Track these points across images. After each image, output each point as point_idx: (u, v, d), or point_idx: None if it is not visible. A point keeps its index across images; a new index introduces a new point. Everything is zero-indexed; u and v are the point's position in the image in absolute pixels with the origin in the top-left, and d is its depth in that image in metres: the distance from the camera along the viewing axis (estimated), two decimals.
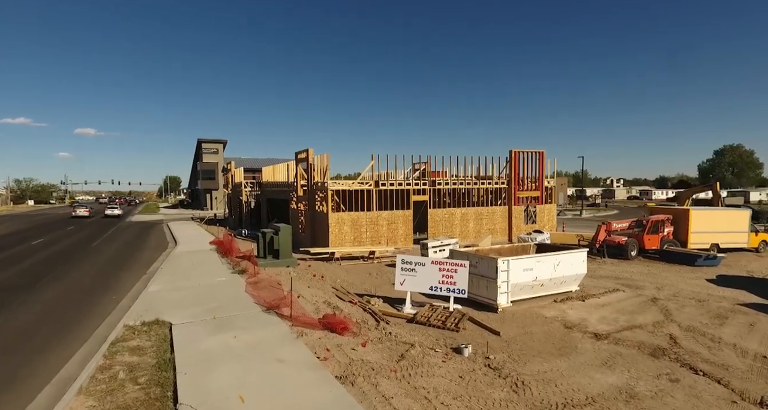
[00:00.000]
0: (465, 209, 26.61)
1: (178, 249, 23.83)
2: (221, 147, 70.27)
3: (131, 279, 16.02)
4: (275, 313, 10.58)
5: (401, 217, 24.98)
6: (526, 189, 27.75)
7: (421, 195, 25.77)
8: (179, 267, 17.84)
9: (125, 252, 23.30)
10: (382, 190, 24.72)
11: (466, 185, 26.69)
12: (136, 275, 16.78)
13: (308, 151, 25.45)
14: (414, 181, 25.60)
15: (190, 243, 26.11)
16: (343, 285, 15.68)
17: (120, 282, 15.78)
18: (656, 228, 21.17)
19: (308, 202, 26.03)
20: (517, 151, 27.42)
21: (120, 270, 18.18)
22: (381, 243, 24.49)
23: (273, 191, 34.84)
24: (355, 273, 18.48)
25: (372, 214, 24.27)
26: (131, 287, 14.69)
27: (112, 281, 15.94)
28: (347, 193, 24.10)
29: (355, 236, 23.93)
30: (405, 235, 25.07)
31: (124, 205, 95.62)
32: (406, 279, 12.80)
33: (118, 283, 15.50)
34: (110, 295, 13.62)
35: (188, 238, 28.99)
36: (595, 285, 15.35)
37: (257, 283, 14.16)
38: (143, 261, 20.33)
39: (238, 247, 21.12)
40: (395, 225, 24.83)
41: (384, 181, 24.91)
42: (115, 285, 15.31)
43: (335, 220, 23.43)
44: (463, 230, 26.52)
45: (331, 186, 23.62)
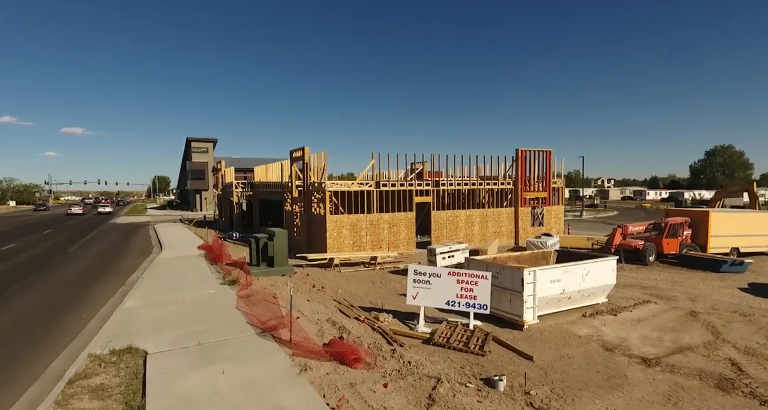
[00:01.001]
0: (470, 211, 25.20)
1: (164, 254, 22.09)
2: (211, 146, 68.20)
3: (106, 292, 14.31)
4: (272, 337, 9.02)
5: (403, 220, 23.50)
6: (532, 189, 26.43)
7: (424, 196, 24.31)
8: (163, 276, 16.15)
9: (104, 259, 21.49)
10: (383, 190, 23.21)
11: (470, 186, 25.29)
12: (113, 287, 15.06)
13: (304, 149, 23.85)
14: (417, 181, 24.13)
15: (176, 248, 24.36)
16: (345, 297, 14.15)
17: (93, 295, 14.06)
18: (675, 232, 19.94)
19: (304, 203, 24.43)
20: (524, 149, 26.08)
21: (95, 280, 16.42)
22: (382, 247, 22.98)
23: (266, 192, 33.14)
24: (357, 281, 16.95)
25: (372, 217, 22.76)
26: (105, 302, 13.00)
27: (84, 294, 14.21)
28: (346, 194, 22.55)
29: (354, 240, 22.39)
30: (407, 239, 23.59)
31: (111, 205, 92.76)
32: (420, 293, 11.31)
33: (91, 297, 13.78)
34: (79, 312, 11.91)
35: (175, 242, 27.21)
36: (622, 295, 14.00)
37: (250, 297, 12.56)
38: (123, 269, 18.59)
39: (228, 253, 19.48)
40: (397, 229, 23.34)
41: (385, 182, 23.41)
42: (86, 299, 13.59)
43: (333, 223, 21.87)
44: (468, 233, 25.11)
45: (329, 187, 22.06)
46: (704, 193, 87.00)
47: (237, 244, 28.34)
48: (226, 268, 17.01)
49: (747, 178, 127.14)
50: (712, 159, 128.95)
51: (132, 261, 20.85)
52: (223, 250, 19.28)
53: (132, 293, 13.48)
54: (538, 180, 26.61)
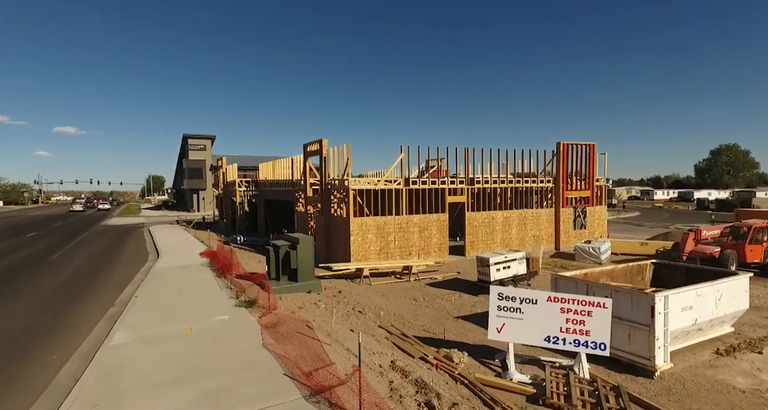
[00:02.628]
0: (507, 212, 22.37)
1: (161, 263, 19.07)
2: (209, 143, 64.95)
3: (90, 317, 11.30)
4: (327, 404, 6.10)
5: (435, 222, 20.62)
6: (574, 188, 23.65)
7: (458, 195, 21.45)
8: (161, 294, 13.17)
9: (92, 269, 18.44)
10: (412, 189, 20.32)
11: (507, 184, 22.45)
12: (99, 308, 12.04)
13: (321, 141, 20.91)
14: (450, 178, 21.25)
15: (175, 255, 21.34)
16: (392, 322, 11.27)
17: (72, 322, 11.03)
18: (758, 237, 17.22)
19: (322, 204, 21.48)
20: (566, 143, 23.29)
21: (78, 298, 13.40)
22: (411, 254, 20.10)
23: (273, 191, 30.15)
24: (395, 297, 14.07)
25: (401, 219, 19.87)
26: (87, 333, 10.01)
27: (60, 320, 11.19)
28: (372, 194, 19.64)
29: (381, 246, 19.49)
30: (439, 244, 20.72)
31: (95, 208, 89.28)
32: (507, 325, 8.45)
33: (69, 325, 10.76)
34: (48, 352, 8.91)
35: (174, 248, 24.18)
36: (739, 320, 11.21)
37: (277, 327, 9.63)
38: (113, 282, 15.58)
39: (238, 262, 16.50)
40: (428, 233, 20.47)
41: (414, 179, 20.52)
42: (62, 328, 10.58)
43: (358, 227, 18.95)
44: (505, 237, 22.28)
45: (352, 184, 19.14)
46: (718, 193, 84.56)
47: (243, 249, 25.35)
48: (238, 283, 14.04)
49: (753, 177, 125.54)
50: (718, 158, 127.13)
51: (124, 271, 17.83)
52: (232, 259, 16.30)
53: (122, 319, 10.50)
54: (580, 177, 23.82)
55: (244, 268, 16.26)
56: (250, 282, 13.92)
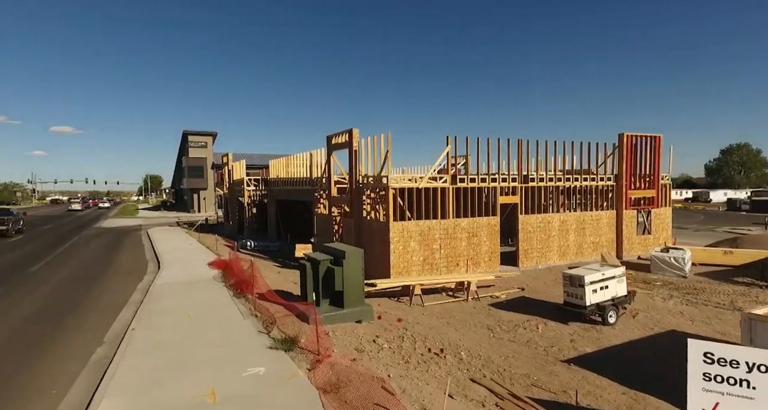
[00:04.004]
0: (564, 215, 19.31)
1: (163, 276, 15.93)
2: (210, 140, 61.72)
3: (66, 368, 8.16)
4: None
5: (485, 227, 17.56)
6: (638, 187, 20.62)
7: (510, 195, 18.40)
8: (166, 326, 10.04)
9: (77, 286, 15.27)
10: (460, 188, 17.26)
11: (565, 182, 19.40)
12: (80, 351, 8.87)
13: (352, 131, 17.83)
14: (501, 175, 18.20)
15: (179, 265, 18.20)
16: (484, 371, 8.20)
17: (37, 381, 7.88)
18: None
19: (351, 205, 18.38)
20: (630, 134, 20.24)
21: (54, 333, 10.19)
22: (459, 265, 17.04)
23: (286, 191, 27.02)
24: (464, 326, 11.02)
25: (448, 224, 16.80)
26: (60, 399, 6.88)
27: (22, 373, 7.99)
28: (414, 193, 16.55)
29: (425, 256, 16.41)
30: (490, 253, 17.65)
31: (96, 206, 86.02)
32: (724, 405, 5.38)
33: (32, 387, 7.62)
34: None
35: (176, 255, 21.03)
36: None
37: (340, 389, 6.53)
38: (103, 306, 12.42)
39: (261, 276, 13.36)
40: (477, 239, 17.40)
41: (462, 176, 17.45)
42: (24, 389, 7.44)
43: (399, 233, 15.88)
44: (562, 244, 19.23)
45: (393, 182, 16.06)
46: (733, 193, 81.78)
47: (255, 256, 22.24)
48: (264, 308, 10.94)
49: (765, 176, 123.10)
50: (729, 157, 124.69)
51: (118, 288, 14.69)
52: (253, 274, 13.14)
53: (112, 375, 7.37)
54: (643, 174, 20.78)
55: (267, 284, 13.13)
56: (279, 306, 10.82)
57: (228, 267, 16.47)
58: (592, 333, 10.47)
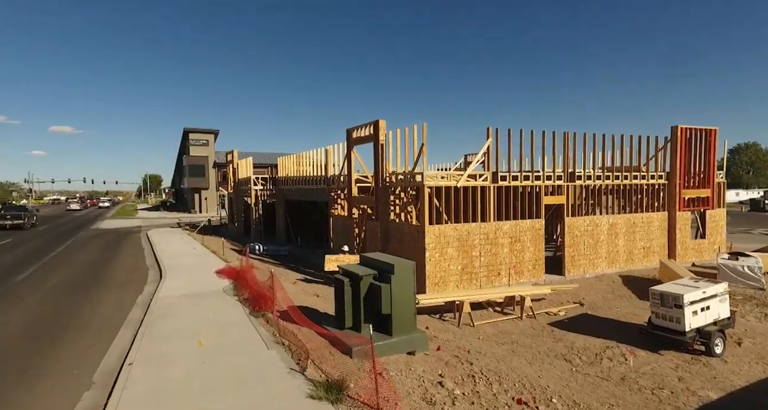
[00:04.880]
0: (613, 217, 17.33)
1: (166, 288, 13.92)
2: (212, 138, 59.69)
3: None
4: None
5: (529, 231, 15.59)
6: (691, 186, 18.65)
7: (556, 195, 16.42)
8: (172, 359, 8.05)
9: (67, 300, 13.24)
10: (502, 187, 15.29)
11: (614, 180, 17.43)
12: (59, 402, 6.87)
13: (378, 123, 15.85)
14: (546, 173, 16.23)
15: (184, 273, 16.21)
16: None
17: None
18: None
19: (376, 206, 16.38)
20: (685, 127, 18.27)
21: (28, 370, 8.20)
22: (501, 274, 15.07)
23: (297, 190, 25.03)
24: (533, 356, 9.04)
25: (488, 227, 14.83)
26: None
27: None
28: (451, 194, 14.57)
29: (464, 264, 14.44)
30: (534, 261, 15.68)
31: (96, 206, 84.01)
32: None
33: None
34: None
35: (180, 261, 19.02)
36: None
37: None
38: (94, 328, 10.39)
39: (282, 289, 11.30)
40: (521, 245, 15.43)
41: (504, 173, 15.49)
42: None
43: (435, 238, 13.91)
44: (611, 250, 17.25)
45: (428, 180, 14.08)
46: (746, 193, 79.81)
47: (266, 261, 20.26)
48: (290, 333, 8.95)
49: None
50: (737, 157, 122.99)
51: (114, 303, 12.68)
52: (274, 286, 11.10)
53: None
54: (697, 171, 18.81)
55: (289, 299, 11.10)
56: (306, 328, 8.83)
57: (240, 277, 14.47)
58: (700, 367, 8.49)
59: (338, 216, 20.04)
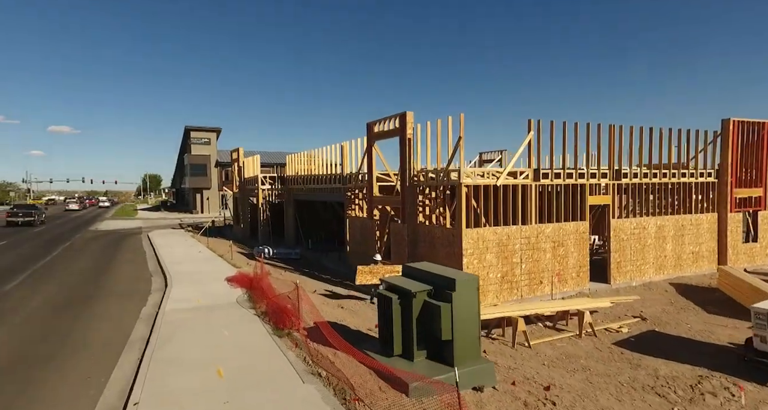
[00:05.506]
0: (660, 219, 15.86)
1: (173, 299, 12.42)
2: (214, 136, 58.19)
3: None
4: None
5: (573, 235, 14.11)
6: (743, 184, 17.18)
7: (600, 194, 14.95)
8: (185, 401, 6.57)
9: (60, 312, 11.75)
10: (544, 185, 13.81)
11: (661, 178, 15.95)
12: None
13: (405, 116, 14.38)
14: (590, 171, 14.75)
15: (191, 282, 14.71)
16: None
17: None
18: None
19: (403, 207, 14.88)
20: (738, 120, 16.80)
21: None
22: (543, 282, 13.59)
23: (309, 189, 23.53)
24: (616, 389, 7.55)
25: (529, 231, 13.35)
26: None
27: None
28: (490, 193, 13.08)
29: (503, 272, 12.95)
30: (578, 267, 14.21)
31: (95, 205, 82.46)
32: None
33: None
34: None
35: (186, 267, 17.54)
36: None
37: None
38: (91, 351, 8.91)
39: (311, 304, 9.78)
40: (564, 250, 13.95)
41: (547, 170, 14.01)
42: None
43: (473, 243, 12.42)
44: (658, 255, 15.77)
45: (465, 179, 12.60)
46: None
47: (277, 266, 18.80)
48: (326, 360, 7.46)
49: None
50: None
51: (114, 317, 11.19)
52: (300, 298, 9.59)
53: None
54: (749, 168, 17.32)
55: (318, 314, 9.59)
56: (343, 355, 7.35)
57: (254, 286, 12.98)
58: None
59: (356, 217, 18.55)
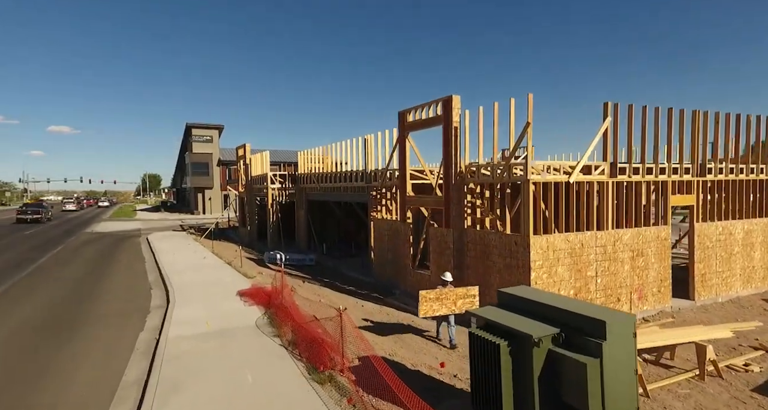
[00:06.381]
0: (747, 222, 13.56)
1: (177, 323, 10.14)
2: (216, 134, 55.89)
3: None
4: None
5: (653, 242, 11.83)
6: None
7: (684, 193, 12.66)
8: None
9: (37, 342, 9.51)
10: (621, 182, 11.54)
11: (748, 174, 13.68)
12: None
13: (450, 100, 12.09)
14: (672, 165, 12.46)
15: (198, 296, 12.43)
16: None
17: None
18: None
19: (447, 209, 12.57)
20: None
21: None
22: (620, 300, 11.31)
23: (324, 188, 21.25)
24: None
25: (605, 237, 11.08)
26: None
27: None
28: (560, 192, 10.80)
29: (577, 287, 10.68)
30: (659, 281, 11.93)
31: (93, 206, 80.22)
32: None
33: None
34: None
35: (190, 277, 15.27)
36: None
37: None
38: (71, 404, 6.69)
39: (362, 338, 7.50)
40: (644, 261, 11.67)
41: (624, 165, 11.72)
42: None
43: (542, 253, 10.16)
44: (746, 265, 13.48)
45: (534, 175, 10.32)
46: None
47: (291, 274, 16.52)
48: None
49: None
50: None
51: (104, 348, 8.94)
52: (343, 331, 7.32)
53: None
54: None
55: (372, 349, 7.29)
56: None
57: (274, 303, 10.72)
58: None
59: (382, 220, 16.29)
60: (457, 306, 8.42)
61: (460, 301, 8.35)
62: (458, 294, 8.26)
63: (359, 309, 12.37)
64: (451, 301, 8.22)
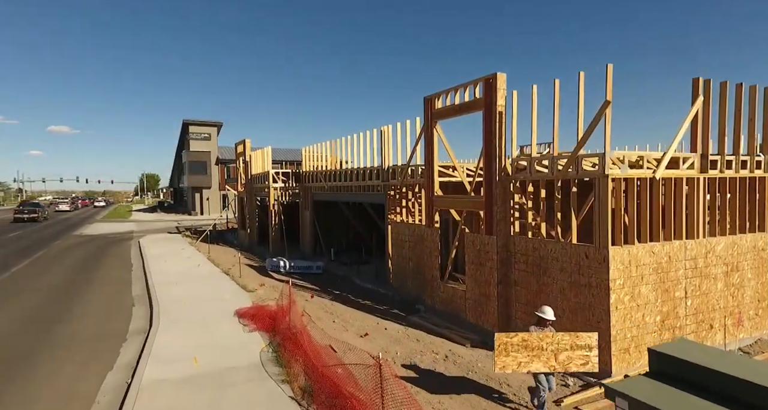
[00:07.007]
0: None
1: (156, 359, 7.89)
2: (215, 131, 53.65)
3: None
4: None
5: (750, 253, 9.60)
6: None
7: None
8: None
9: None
10: (714, 178, 9.31)
11: None
12: None
13: (495, 78, 9.82)
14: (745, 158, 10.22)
15: (188, 317, 10.19)
16: None
17: None
18: None
19: (487, 211, 10.28)
20: None
21: None
22: (713, 327, 9.07)
23: (332, 188, 18.98)
24: None
25: (696, 248, 8.82)
26: None
27: None
28: (645, 190, 8.53)
29: (664, 313, 8.41)
30: (756, 301, 9.70)
31: (88, 206, 78.03)
32: None
33: None
34: None
35: (180, 290, 13.01)
36: None
37: None
38: None
39: (407, 394, 5.29)
40: (739, 276, 9.43)
41: (715, 157, 9.47)
42: None
43: (622, 269, 7.88)
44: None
45: (613, 170, 8.07)
46: None
47: (297, 284, 14.23)
48: None
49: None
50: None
51: (57, 400, 6.71)
52: (383, 389, 5.12)
53: None
54: None
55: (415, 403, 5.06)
56: None
57: (280, 329, 8.50)
58: None
59: (403, 223, 14.05)
60: (558, 362, 5.77)
61: (564, 354, 5.73)
62: (561, 342, 5.70)
63: (382, 333, 10.15)
64: (549, 353, 5.67)
